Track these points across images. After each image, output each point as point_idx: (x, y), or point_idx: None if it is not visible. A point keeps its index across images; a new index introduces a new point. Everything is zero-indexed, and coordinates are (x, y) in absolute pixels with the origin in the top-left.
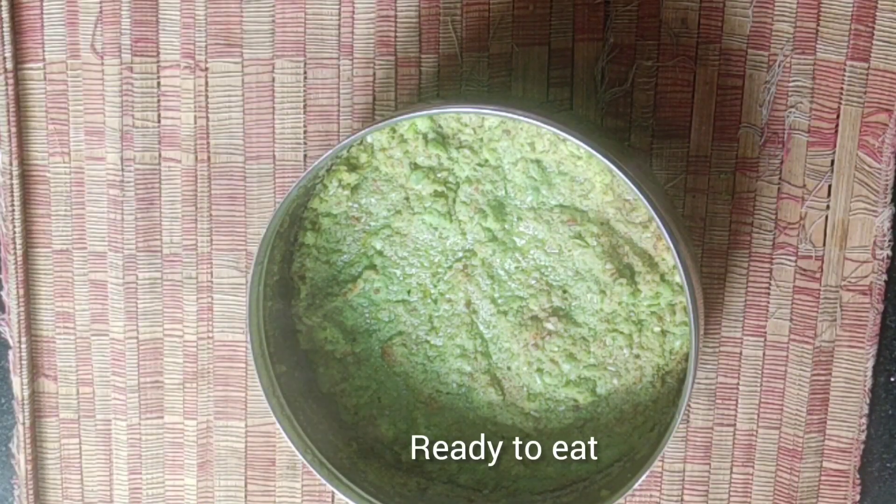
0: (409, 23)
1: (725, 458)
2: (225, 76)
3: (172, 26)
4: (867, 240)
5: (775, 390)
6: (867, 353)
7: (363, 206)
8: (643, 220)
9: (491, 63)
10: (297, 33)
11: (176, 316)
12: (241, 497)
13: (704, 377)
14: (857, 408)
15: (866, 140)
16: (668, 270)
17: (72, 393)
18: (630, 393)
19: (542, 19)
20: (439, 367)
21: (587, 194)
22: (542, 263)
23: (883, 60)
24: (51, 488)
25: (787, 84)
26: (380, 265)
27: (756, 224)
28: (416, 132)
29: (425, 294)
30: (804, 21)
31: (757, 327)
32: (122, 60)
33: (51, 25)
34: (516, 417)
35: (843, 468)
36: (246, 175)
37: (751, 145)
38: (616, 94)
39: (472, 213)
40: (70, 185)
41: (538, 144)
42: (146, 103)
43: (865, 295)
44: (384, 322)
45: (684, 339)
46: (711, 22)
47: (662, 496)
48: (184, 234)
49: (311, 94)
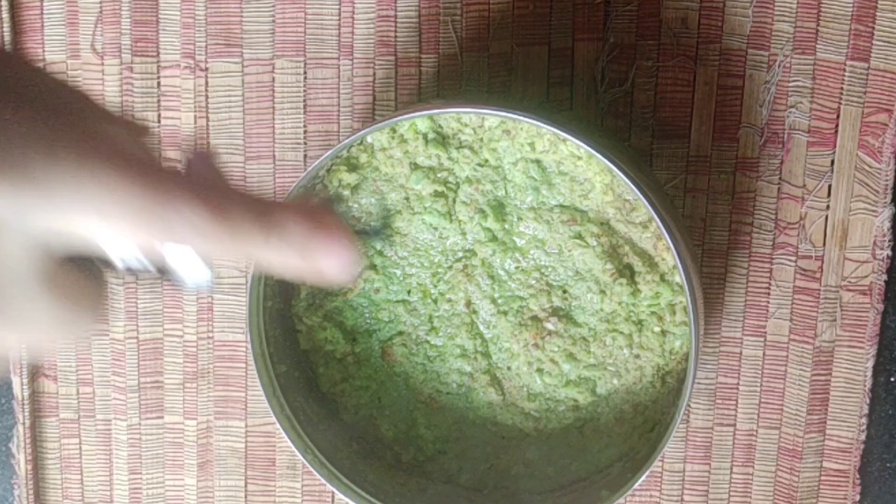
0: (409, 23)
1: (725, 458)
2: (225, 76)
3: (172, 26)
4: (867, 240)
5: (775, 390)
6: (867, 353)
7: (363, 206)
8: (643, 220)
9: (491, 63)
10: (297, 33)
11: (176, 316)
12: (241, 497)
13: (704, 377)
14: (857, 408)
15: (866, 140)
16: (668, 270)
17: (72, 393)
18: (630, 393)
19: (542, 19)
20: (439, 367)
21: (587, 194)
22: (543, 263)
23: (883, 60)
24: (51, 488)
25: (787, 84)
26: (380, 265)
27: (756, 224)
28: (416, 132)
29: (425, 294)
30: (804, 21)
31: (757, 327)
32: (122, 60)
33: (51, 25)
34: (516, 417)
35: (843, 468)
36: (246, 175)
37: (751, 145)
38: (616, 94)
39: (472, 213)
40: None
41: (538, 144)
42: (146, 103)
43: (865, 295)
44: (384, 322)
45: (684, 339)
46: (711, 22)
47: (662, 496)
48: None
49: (311, 94)
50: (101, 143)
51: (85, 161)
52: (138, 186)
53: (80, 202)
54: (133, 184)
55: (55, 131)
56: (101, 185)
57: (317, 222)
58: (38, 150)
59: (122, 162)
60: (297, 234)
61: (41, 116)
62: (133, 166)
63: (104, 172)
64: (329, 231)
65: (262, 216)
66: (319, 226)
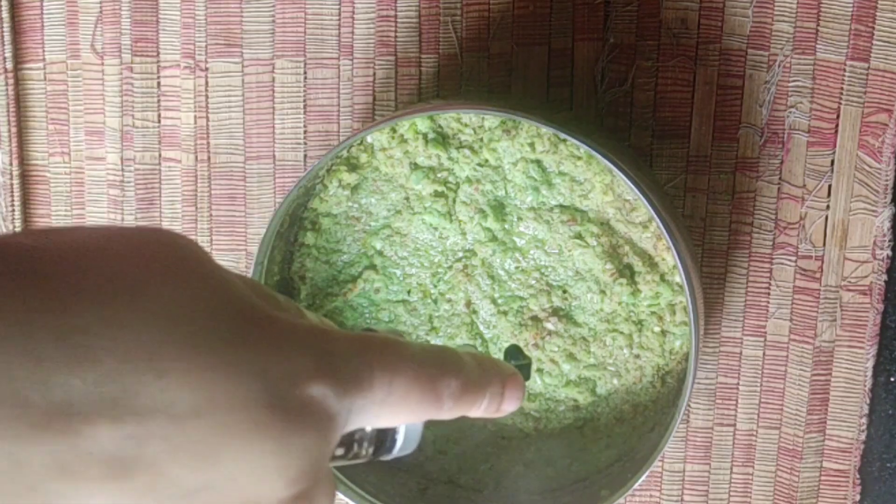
0: (409, 23)
1: (725, 458)
2: (225, 76)
3: (172, 26)
4: (867, 240)
5: (775, 390)
6: (867, 353)
7: (363, 206)
8: (643, 220)
9: (491, 63)
10: (297, 33)
11: None
12: None
13: (704, 377)
14: (857, 408)
15: (866, 140)
16: (668, 270)
17: None
18: (630, 393)
19: (542, 19)
20: None
21: (587, 194)
22: (543, 263)
23: (883, 60)
24: None
25: (787, 84)
26: (380, 265)
27: (756, 224)
28: (416, 132)
29: (425, 294)
30: (804, 21)
31: (757, 327)
32: (122, 60)
33: (51, 25)
34: (516, 417)
35: (843, 468)
36: (246, 175)
37: (751, 145)
38: (616, 94)
39: (472, 213)
40: (70, 185)
41: (538, 144)
42: (146, 103)
43: (865, 295)
44: (384, 322)
45: (684, 339)
46: (711, 22)
47: (662, 496)
48: (184, 234)
49: (311, 94)
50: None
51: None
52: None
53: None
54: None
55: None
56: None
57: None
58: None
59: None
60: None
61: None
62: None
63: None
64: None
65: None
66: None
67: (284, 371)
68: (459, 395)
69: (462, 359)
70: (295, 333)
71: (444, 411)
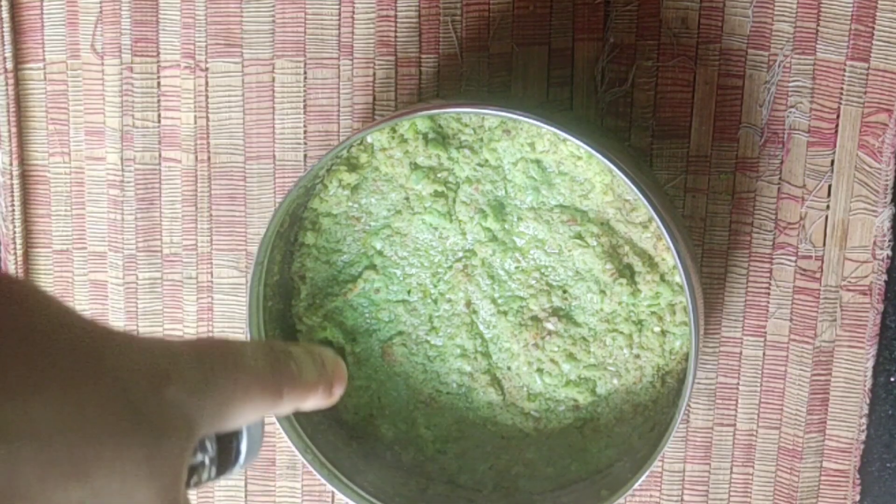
0: (409, 23)
1: (725, 458)
2: (225, 76)
3: (172, 26)
4: (867, 240)
5: (775, 390)
6: (867, 353)
7: (363, 206)
8: (643, 220)
9: (491, 63)
10: (297, 33)
11: (176, 316)
12: (241, 497)
13: (704, 377)
14: (857, 408)
15: (866, 140)
16: (668, 270)
17: None
18: (630, 393)
19: (542, 19)
20: (439, 367)
21: (587, 194)
22: (543, 263)
23: (883, 60)
24: None
25: (787, 84)
26: (380, 265)
27: (756, 224)
28: (416, 132)
29: (425, 294)
30: (804, 21)
31: (757, 327)
32: (122, 60)
33: (51, 25)
34: (516, 417)
35: (843, 468)
36: (246, 175)
37: (751, 145)
38: (616, 94)
39: (472, 213)
40: (70, 185)
41: (538, 144)
42: (146, 103)
43: (865, 295)
44: (384, 322)
45: (684, 339)
46: (711, 22)
47: (662, 496)
48: (184, 234)
49: (311, 94)
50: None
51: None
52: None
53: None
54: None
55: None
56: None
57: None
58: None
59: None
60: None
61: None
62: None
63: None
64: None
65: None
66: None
67: (137, 378)
68: (296, 386)
69: (292, 352)
70: (137, 344)
71: (284, 404)
